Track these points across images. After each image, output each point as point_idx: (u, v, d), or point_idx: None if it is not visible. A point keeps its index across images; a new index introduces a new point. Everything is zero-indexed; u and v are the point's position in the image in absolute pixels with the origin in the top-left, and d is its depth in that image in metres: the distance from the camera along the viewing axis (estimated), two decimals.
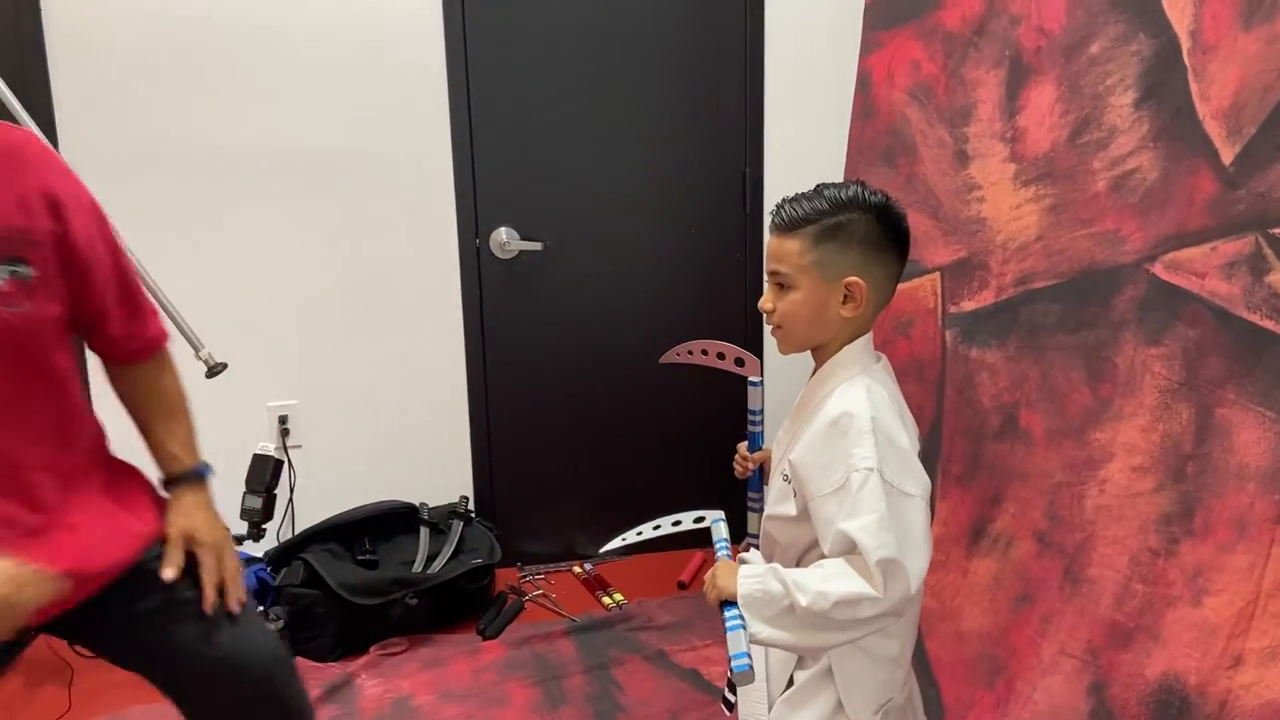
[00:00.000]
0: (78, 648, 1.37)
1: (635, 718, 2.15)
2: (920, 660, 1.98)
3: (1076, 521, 1.76)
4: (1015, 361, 1.94)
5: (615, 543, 1.59)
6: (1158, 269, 1.63)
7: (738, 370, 1.75)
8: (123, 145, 2.51)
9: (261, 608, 2.28)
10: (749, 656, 1.14)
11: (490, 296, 2.83)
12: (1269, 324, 1.43)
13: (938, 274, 2.16)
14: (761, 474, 1.62)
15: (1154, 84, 1.65)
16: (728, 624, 1.21)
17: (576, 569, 2.93)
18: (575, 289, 2.88)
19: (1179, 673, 1.50)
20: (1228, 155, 1.50)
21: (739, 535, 1.69)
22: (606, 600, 2.71)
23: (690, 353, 1.78)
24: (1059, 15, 1.85)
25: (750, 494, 1.68)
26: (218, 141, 2.57)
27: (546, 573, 2.92)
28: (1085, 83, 1.78)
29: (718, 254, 2.98)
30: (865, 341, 1.33)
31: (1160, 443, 1.60)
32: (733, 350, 1.75)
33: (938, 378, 2.14)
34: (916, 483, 1.22)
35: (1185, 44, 1.59)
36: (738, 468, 1.62)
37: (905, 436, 1.25)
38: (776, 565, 1.25)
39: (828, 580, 1.16)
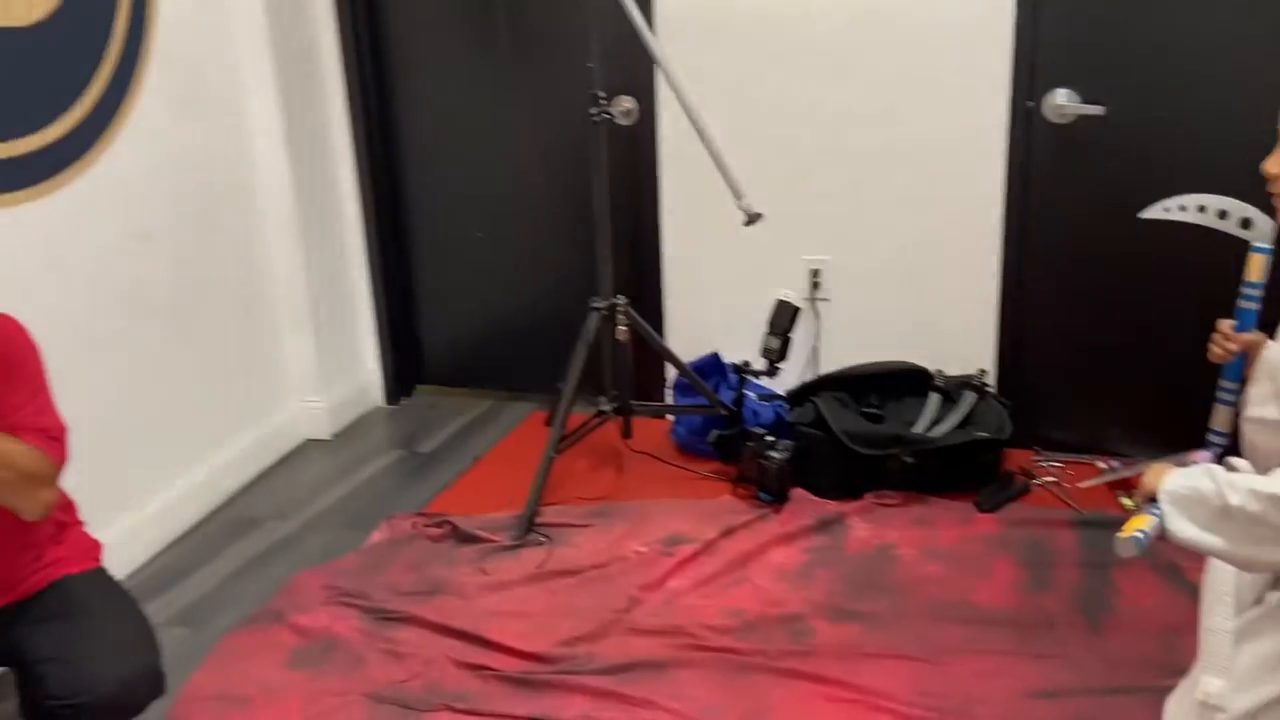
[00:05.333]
0: None
1: (1123, 621, 2.00)
2: None
3: None
4: None
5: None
6: None
7: (1241, 234, 1.44)
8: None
9: (773, 438, 2.52)
10: (1145, 535, 1.06)
11: (1038, 165, 2.64)
12: None
13: None
14: (1245, 361, 1.36)
15: None
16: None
17: (1100, 464, 2.72)
18: (1138, 165, 2.54)
19: None
20: None
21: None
22: (1126, 502, 2.49)
23: (1183, 208, 1.48)
24: None
25: (1222, 383, 1.40)
26: None
27: (1066, 462, 2.75)
28: None
29: None
30: None
31: None
32: (1239, 207, 1.43)
33: None
34: None
35: None
36: (1215, 349, 1.37)
37: None
38: (1215, 466, 1.09)
39: (1270, 484, 0.98)
